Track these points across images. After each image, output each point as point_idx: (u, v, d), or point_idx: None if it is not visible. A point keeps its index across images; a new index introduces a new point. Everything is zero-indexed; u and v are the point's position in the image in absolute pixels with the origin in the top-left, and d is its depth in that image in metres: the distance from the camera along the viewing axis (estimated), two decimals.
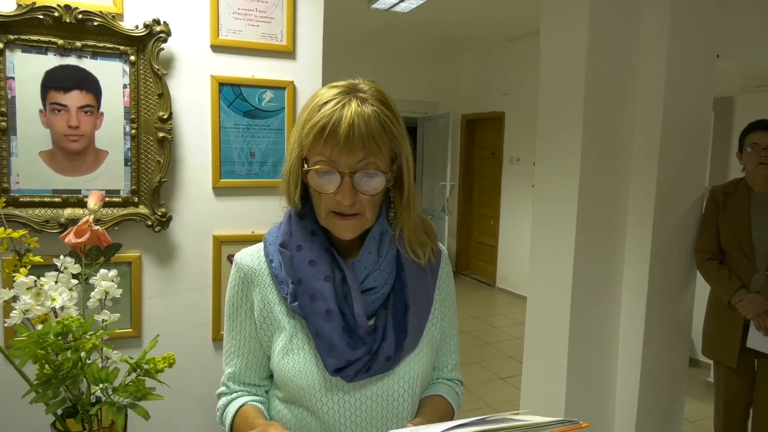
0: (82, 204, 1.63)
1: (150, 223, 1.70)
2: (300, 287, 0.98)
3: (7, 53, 1.52)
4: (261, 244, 1.07)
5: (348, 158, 0.92)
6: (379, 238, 1.01)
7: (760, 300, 2.39)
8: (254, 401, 1.08)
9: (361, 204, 0.95)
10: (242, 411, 1.05)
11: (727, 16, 2.55)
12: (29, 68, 1.55)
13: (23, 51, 1.54)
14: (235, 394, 1.09)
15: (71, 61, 1.59)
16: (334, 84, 0.98)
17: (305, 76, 1.88)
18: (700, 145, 2.53)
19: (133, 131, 1.67)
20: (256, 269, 1.05)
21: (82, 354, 0.99)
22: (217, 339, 1.85)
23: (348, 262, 1.01)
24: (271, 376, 1.10)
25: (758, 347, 2.44)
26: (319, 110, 0.93)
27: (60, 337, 0.97)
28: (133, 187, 1.69)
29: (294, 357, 1.01)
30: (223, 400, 1.11)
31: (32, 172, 1.58)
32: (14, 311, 1.07)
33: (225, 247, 1.83)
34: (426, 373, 1.07)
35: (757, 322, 2.42)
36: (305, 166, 0.96)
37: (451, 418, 1.09)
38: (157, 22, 1.64)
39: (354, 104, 0.92)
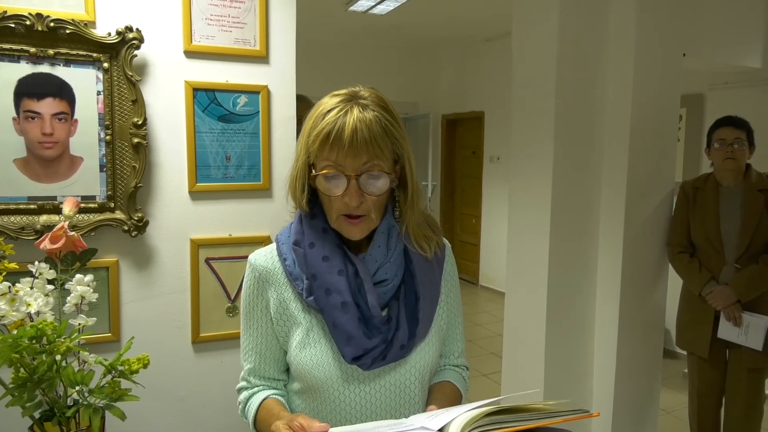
0: (57, 210, 1.64)
1: (126, 228, 1.72)
2: (315, 282, 1.04)
3: None
4: (274, 245, 1.13)
5: (353, 161, 0.98)
6: (387, 232, 1.07)
7: (729, 291, 2.46)
8: (276, 395, 1.13)
9: (368, 205, 1.02)
10: (265, 404, 1.10)
11: (692, 15, 2.62)
12: (2, 76, 1.56)
13: None
14: (256, 389, 1.14)
15: (44, 68, 1.60)
16: (336, 93, 1.04)
17: (279, 80, 1.91)
18: (668, 141, 2.59)
19: (107, 137, 1.68)
20: (270, 269, 1.11)
21: (57, 357, 1.00)
22: (196, 342, 1.86)
23: (359, 256, 1.07)
24: (287, 371, 1.16)
25: (728, 337, 2.51)
26: (323, 118, 0.99)
27: (34, 341, 0.98)
28: (109, 192, 1.70)
29: (311, 350, 1.06)
30: (245, 394, 1.15)
31: (7, 179, 1.59)
32: None
33: (202, 250, 1.85)
34: (435, 360, 1.13)
35: (726, 313, 2.48)
36: (313, 171, 1.03)
37: (460, 402, 1.15)
38: (129, 29, 1.65)
39: (356, 110, 0.98)
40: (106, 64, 1.65)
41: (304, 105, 1.98)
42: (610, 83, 2.50)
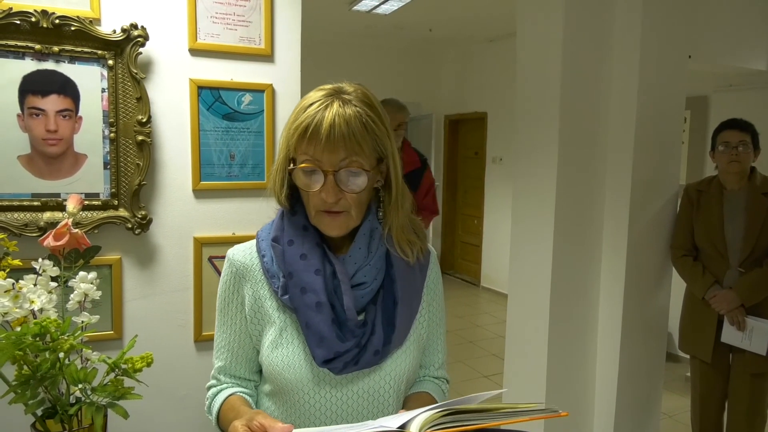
0: (61, 208, 1.64)
1: (130, 226, 1.71)
2: (291, 280, 1.02)
3: None
4: (254, 241, 1.11)
5: (330, 157, 0.96)
6: (369, 234, 1.05)
7: (733, 295, 2.45)
8: (242, 392, 1.11)
9: (347, 202, 0.99)
10: (229, 400, 1.08)
11: (698, 17, 2.61)
12: (6, 73, 1.56)
13: (0, 56, 1.54)
14: (224, 386, 1.12)
15: (49, 65, 1.60)
16: (322, 87, 1.02)
17: (284, 79, 1.90)
18: (672, 144, 2.58)
19: (112, 135, 1.68)
20: (248, 265, 1.08)
21: (60, 354, 1.00)
22: (199, 340, 1.86)
23: (339, 257, 1.04)
24: (260, 372, 1.13)
25: (732, 342, 2.50)
26: (304, 111, 0.97)
27: (38, 338, 0.98)
28: (113, 190, 1.70)
29: (283, 350, 1.03)
30: (212, 390, 1.14)
31: (10, 176, 1.59)
32: None
33: (206, 248, 1.84)
34: (412, 370, 1.10)
35: (730, 317, 2.47)
36: (292, 165, 1.01)
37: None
38: (134, 26, 1.65)
39: (336, 105, 0.96)
40: (110, 62, 1.65)
41: (389, 108, 1.93)
42: (615, 85, 2.49)
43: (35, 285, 1.15)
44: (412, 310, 1.09)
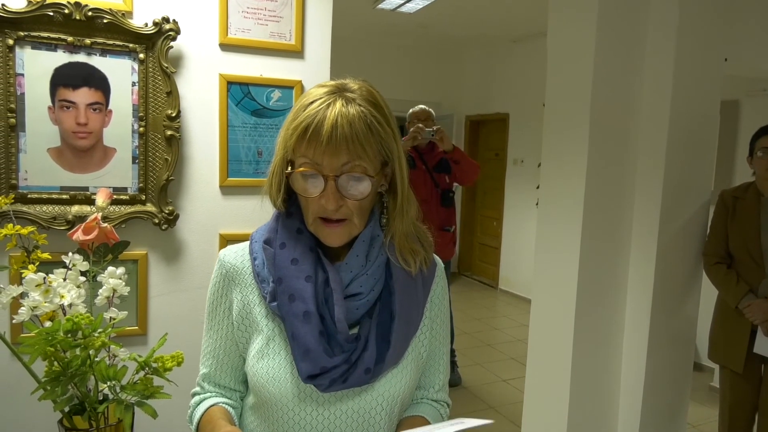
0: (89, 201, 1.63)
1: (157, 221, 1.70)
2: (280, 286, 0.94)
3: (17, 50, 1.52)
4: (248, 242, 1.04)
5: (332, 160, 0.88)
6: (369, 242, 0.97)
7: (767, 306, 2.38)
8: (225, 404, 1.03)
9: (348, 209, 0.91)
10: (209, 411, 1.01)
11: (736, 19, 2.54)
12: (39, 65, 1.55)
13: (33, 48, 1.54)
14: (207, 394, 1.06)
15: (80, 58, 1.59)
16: (324, 83, 0.94)
17: (313, 76, 1.88)
18: (706, 149, 2.51)
19: (141, 129, 1.66)
20: (238, 267, 1.02)
21: (91, 351, 0.98)
22: None
23: (334, 264, 0.96)
24: (246, 381, 1.05)
25: (765, 353, 2.43)
26: (304, 110, 0.89)
27: (69, 335, 0.96)
28: (141, 184, 1.69)
29: (269, 362, 0.96)
30: (195, 398, 1.07)
31: (40, 168, 1.58)
32: (22, 308, 1.07)
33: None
34: (408, 392, 1.00)
35: (764, 328, 2.40)
36: (290, 168, 0.93)
37: None
38: (166, 20, 1.64)
39: (339, 104, 0.88)
40: (141, 55, 1.64)
41: None
42: (648, 87, 2.43)
43: (65, 279, 1.14)
44: (410, 326, 1.00)
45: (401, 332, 0.97)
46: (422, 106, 3.77)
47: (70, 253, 1.19)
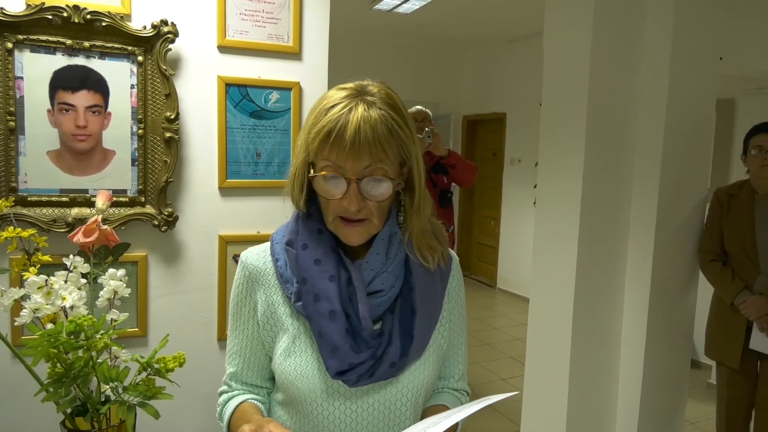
0: (89, 203, 1.64)
1: (156, 223, 1.71)
2: (304, 287, 0.97)
3: (16, 53, 1.53)
4: (268, 243, 1.06)
5: (354, 164, 0.90)
6: (388, 240, 0.99)
7: (763, 301, 2.40)
8: (254, 399, 1.07)
9: (369, 210, 0.94)
10: (240, 407, 1.03)
11: (730, 18, 2.55)
12: (37, 68, 1.56)
13: (32, 51, 1.55)
14: (235, 392, 1.08)
15: (79, 61, 1.59)
16: (343, 86, 0.96)
17: (311, 77, 1.89)
18: (702, 147, 2.53)
19: (140, 131, 1.67)
20: (261, 268, 1.04)
21: (94, 353, 0.99)
22: (222, 339, 1.85)
23: (355, 263, 0.99)
24: (272, 378, 1.09)
25: (761, 349, 2.45)
26: (326, 114, 0.91)
27: (72, 336, 0.97)
28: (140, 186, 1.70)
29: (296, 359, 0.99)
30: (224, 397, 1.09)
31: (40, 171, 1.59)
32: (24, 310, 1.07)
33: (231, 247, 1.83)
34: (431, 382, 1.05)
35: (760, 324, 2.42)
36: (312, 170, 0.95)
37: (455, 430, 1.05)
38: (164, 22, 1.64)
39: (361, 108, 0.90)
40: (140, 58, 1.64)
41: None
42: (644, 86, 2.44)
43: (66, 282, 1.15)
44: (431, 320, 1.04)
45: (423, 326, 1.00)
46: (419, 107, 3.77)
47: (71, 256, 1.20)
